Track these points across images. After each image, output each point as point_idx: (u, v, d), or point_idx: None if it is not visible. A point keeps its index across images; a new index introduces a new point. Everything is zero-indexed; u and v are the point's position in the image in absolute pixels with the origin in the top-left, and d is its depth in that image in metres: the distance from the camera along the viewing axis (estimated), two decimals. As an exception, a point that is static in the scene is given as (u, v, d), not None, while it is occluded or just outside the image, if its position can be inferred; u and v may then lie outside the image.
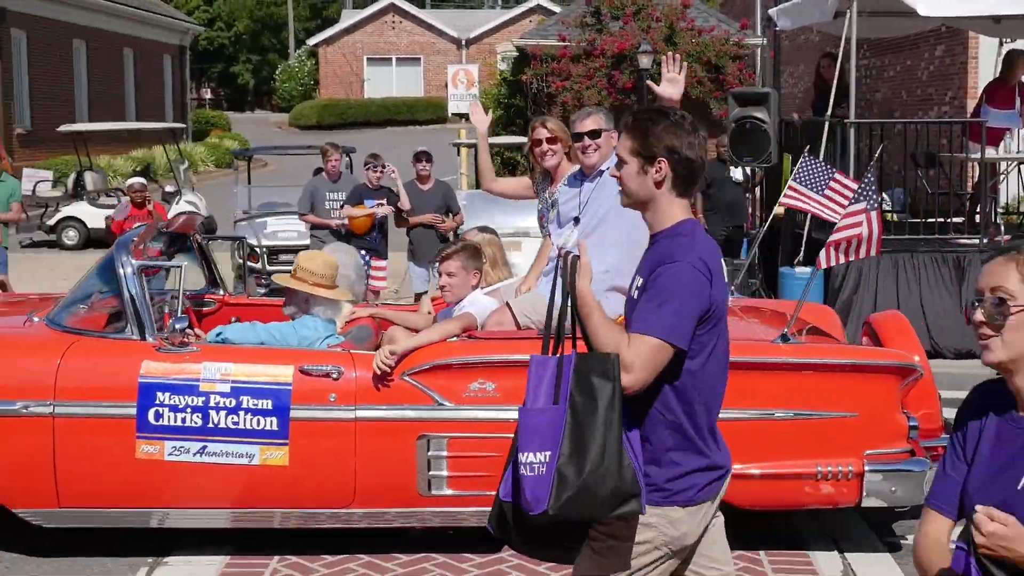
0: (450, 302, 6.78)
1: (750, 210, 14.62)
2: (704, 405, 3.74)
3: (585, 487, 3.53)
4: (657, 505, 3.70)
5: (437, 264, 7.04)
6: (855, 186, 9.49)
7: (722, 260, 3.84)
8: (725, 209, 14.02)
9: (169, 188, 22.00)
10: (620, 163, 3.85)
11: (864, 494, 6.27)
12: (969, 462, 2.89)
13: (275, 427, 6.18)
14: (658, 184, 3.80)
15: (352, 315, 7.09)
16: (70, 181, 22.93)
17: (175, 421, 6.16)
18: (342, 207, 12.14)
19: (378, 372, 6.11)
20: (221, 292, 8.16)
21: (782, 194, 11.08)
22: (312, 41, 60.60)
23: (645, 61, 20.98)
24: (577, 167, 6.59)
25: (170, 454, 6.17)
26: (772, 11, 14.83)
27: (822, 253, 7.73)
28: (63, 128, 23.88)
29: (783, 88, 14.77)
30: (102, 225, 19.81)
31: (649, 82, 6.00)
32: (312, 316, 6.87)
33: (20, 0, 29.28)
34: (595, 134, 6.37)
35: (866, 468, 6.22)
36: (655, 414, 3.70)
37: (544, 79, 22.98)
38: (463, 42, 57.77)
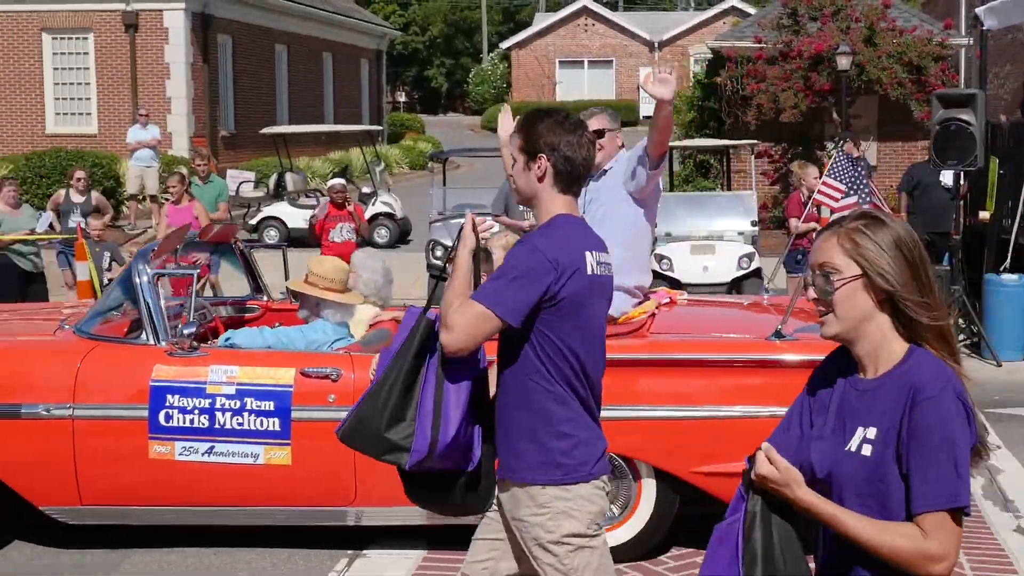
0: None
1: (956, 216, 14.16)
2: (595, 383, 3.97)
3: (360, 419, 3.90)
4: (560, 484, 3.89)
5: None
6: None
7: (596, 257, 3.96)
8: (930, 213, 13.62)
9: (366, 189, 22.47)
10: (513, 161, 4.04)
11: None
12: (812, 421, 2.98)
13: (277, 428, 6.37)
14: (540, 179, 3.97)
15: (375, 319, 7.07)
16: (271, 182, 23.57)
17: (184, 422, 6.39)
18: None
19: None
20: (264, 298, 8.34)
21: (816, 191, 10.85)
22: (505, 44, 61.12)
23: (844, 63, 20.55)
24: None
25: (180, 454, 6.38)
26: (979, 10, 14.34)
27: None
28: (266, 130, 24.60)
29: (988, 89, 14.25)
30: (301, 225, 20.36)
31: (641, 82, 6.17)
32: (322, 320, 7.01)
33: (226, 6, 30.28)
34: (599, 134, 6.40)
35: None
36: (541, 389, 3.89)
37: (739, 81, 22.72)
38: (655, 44, 57.51)
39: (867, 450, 2.81)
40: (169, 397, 6.39)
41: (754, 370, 6.28)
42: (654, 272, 13.61)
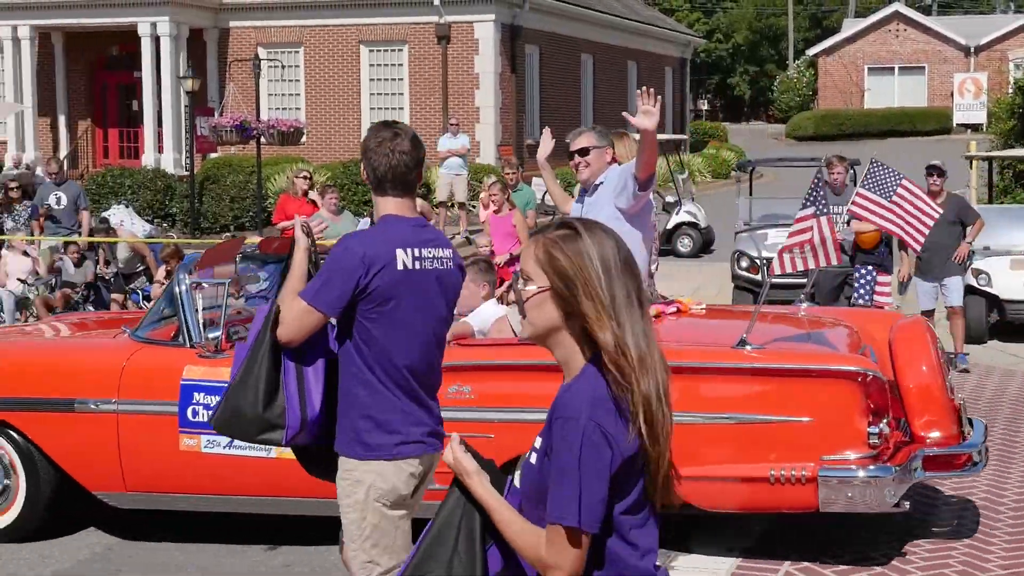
0: (462, 312, 7.08)
1: None
2: (401, 370, 4.35)
3: (234, 407, 4.41)
4: (362, 459, 4.36)
5: None
6: (921, 193, 9.26)
7: (414, 252, 4.34)
8: None
9: (669, 199, 22.41)
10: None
11: (821, 499, 6.25)
12: None
13: None
14: (367, 182, 4.50)
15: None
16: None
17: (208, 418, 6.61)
18: (848, 223, 11.87)
19: None
20: None
21: (850, 201, 9.70)
22: (812, 51, 59.93)
23: None
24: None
25: (205, 447, 6.94)
26: None
27: (775, 260, 7.45)
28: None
29: None
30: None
31: (625, 114, 6.58)
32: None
33: (535, 17, 30.84)
34: (583, 152, 6.81)
35: (820, 473, 6.21)
36: (352, 374, 4.36)
37: (1065, 87, 21.51)
38: (971, 49, 55.12)
39: (534, 459, 2.91)
40: (196, 395, 6.93)
41: (716, 377, 6.48)
42: (969, 288, 13.09)
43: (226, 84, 28.62)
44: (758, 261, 14.23)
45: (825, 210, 7.31)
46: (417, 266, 4.36)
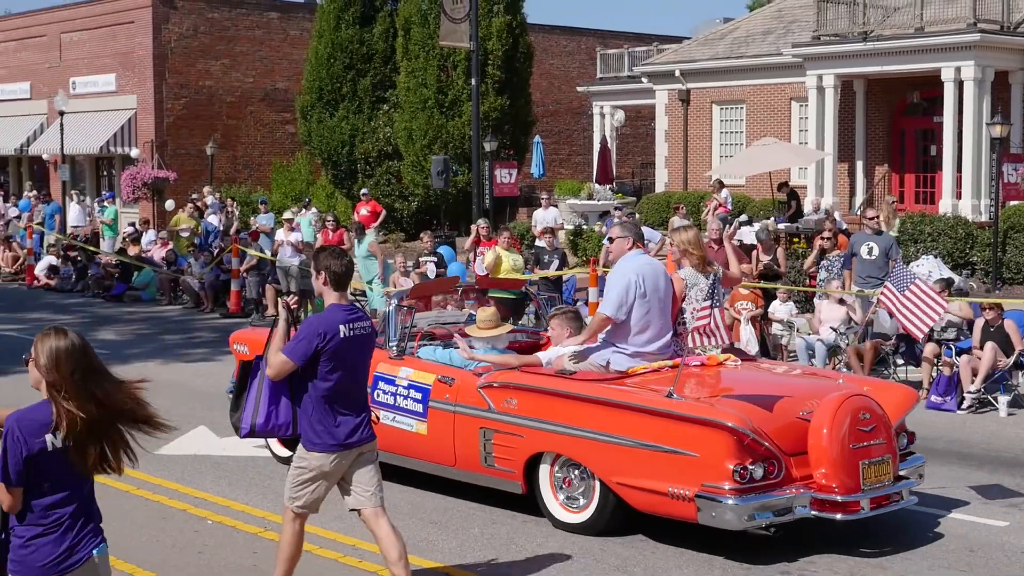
0: (554, 341, 9.94)
1: None
2: (339, 395, 7.05)
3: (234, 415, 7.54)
4: (309, 450, 7.10)
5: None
6: (932, 291, 12.76)
7: (350, 327, 7.04)
8: None
9: None
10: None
11: (698, 514, 8.24)
12: None
13: (420, 410, 9.83)
14: (323, 284, 7.34)
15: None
16: None
17: (385, 399, 10.02)
18: None
19: (465, 355, 9.80)
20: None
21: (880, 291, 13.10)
22: None
23: None
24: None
25: (383, 419, 9.68)
26: None
27: (690, 337, 9.18)
28: None
29: None
30: None
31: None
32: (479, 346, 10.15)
33: None
34: (610, 240, 9.68)
35: (697, 496, 8.18)
36: (309, 396, 7.06)
37: None
38: None
39: None
40: (380, 383, 10.05)
41: (658, 417, 8.48)
42: None
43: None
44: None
45: (719, 304, 9.21)
46: (352, 333, 7.06)
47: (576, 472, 8.99)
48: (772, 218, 26.45)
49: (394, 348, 10.12)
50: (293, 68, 42.91)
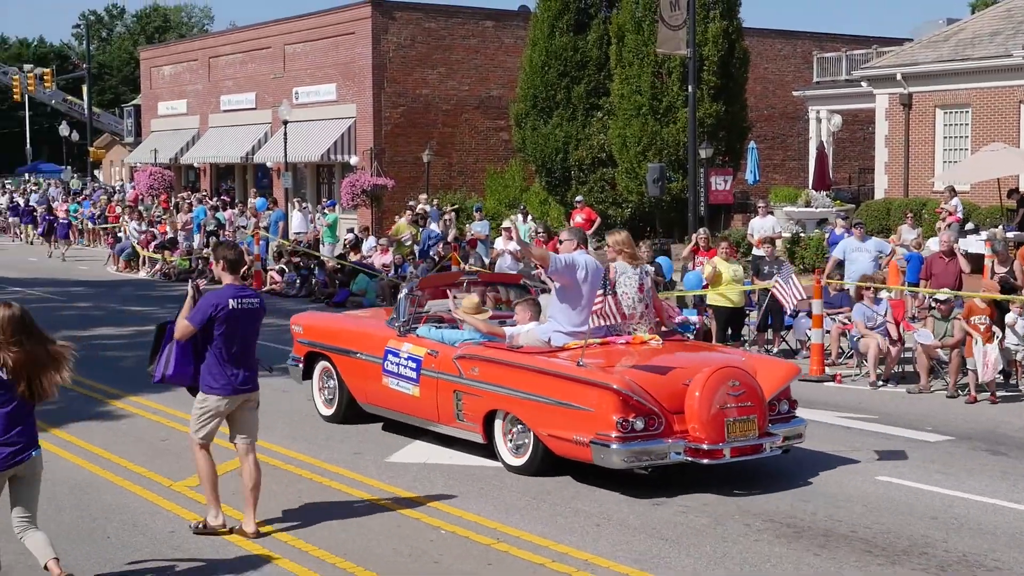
0: (517, 322, 12.14)
1: None
2: (230, 352, 9.15)
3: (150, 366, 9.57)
4: (207, 394, 9.21)
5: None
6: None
7: (239, 301, 9.17)
8: None
9: None
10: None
11: (592, 457, 10.44)
12: None
13: (415, 377, 12.22)
14: (221, 270, 9.68)
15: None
16: None
17: (391, 368, 12.53)
18: None
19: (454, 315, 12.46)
20: None
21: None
22: None
23: None
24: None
25: (388, 383, 12.59)
26: None
27: (589, 319, 11.42)
28: None
29: None
30: None
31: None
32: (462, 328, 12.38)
33: None
34: (560, 241, 12.60)
35: (591, 442, 10.37)
36: (207, 351, 9.17)
37: None
38: None
39: None
40: (390, 356, 12.55)
41: (566, 381, 10.72)
42: None
43: None
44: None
45: (612, 291, 11.22)
46: (240, 306, 9.12)
47: (519, 426, 11.23)
48: (1000, 226, 25.51)
49: (399, 328, 12.63)
50: (507, 76, 43.42)
